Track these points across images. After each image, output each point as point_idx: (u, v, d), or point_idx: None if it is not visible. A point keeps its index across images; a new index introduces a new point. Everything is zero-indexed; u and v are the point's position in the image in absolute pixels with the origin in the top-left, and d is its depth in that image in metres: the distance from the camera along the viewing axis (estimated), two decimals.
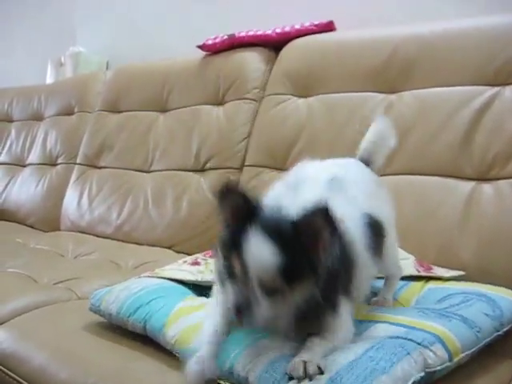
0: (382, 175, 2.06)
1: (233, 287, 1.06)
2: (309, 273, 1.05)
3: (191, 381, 1.10)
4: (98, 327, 1.51)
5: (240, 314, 1.03)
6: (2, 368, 1.44)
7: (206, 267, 1.76)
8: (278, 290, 1.03)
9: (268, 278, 1.02)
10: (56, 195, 3.35)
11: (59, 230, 3.22)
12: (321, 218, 0.99)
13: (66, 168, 3.40)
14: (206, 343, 1.16)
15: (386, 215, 1.38)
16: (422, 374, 1.05)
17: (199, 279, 1.63)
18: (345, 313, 1.17)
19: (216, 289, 1.29)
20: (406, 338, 1.11)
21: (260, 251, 1.02)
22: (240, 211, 1.08)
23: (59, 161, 3.50)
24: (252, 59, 2.68)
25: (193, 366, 1.11)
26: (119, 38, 4.19)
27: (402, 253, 1.79)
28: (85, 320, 1.54)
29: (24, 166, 3.79)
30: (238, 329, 1.22)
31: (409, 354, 1.05)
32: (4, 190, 3.77)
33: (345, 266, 1.14)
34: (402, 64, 2.15)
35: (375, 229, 1.28)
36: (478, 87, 1.96)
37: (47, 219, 3.35)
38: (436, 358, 1.09)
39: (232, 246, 1.06)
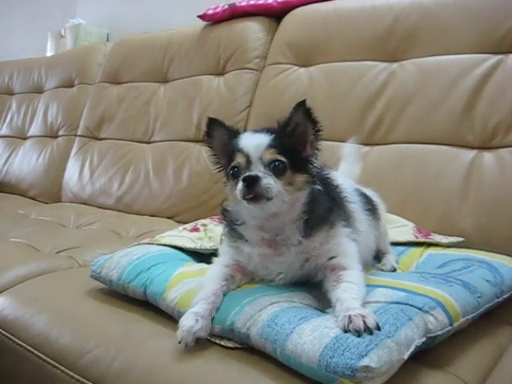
0: (383, 144, 2.07)
1: (240, 178, 1.17)
2: (302, 160, 1.23)
3: (183, 335, 1.11)
4: (99, 293, 1.52)
5: (250, 190, 1.15)
6: (5, 333, 1.44)
7: (205, 234, 1.76)
8: (281, 167, 1.18)
9: (269, 154, 1.18)
10: (57, 167, 3.36)
11: (61, 201, 3.23)
12: (301, 110, 1.20)
13: (67, 140, 3.40)
14: (203, 301, 1.17)
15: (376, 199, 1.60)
16: (424, 339, 1.06)
17: (198, 247, 1.64)
18: (353, 251, 1.25)
19: (219, 251, 1.36)
20: (406, 304, 1.12)
21: (257, 137, 1.22)
22: (225, 134, 1.29)
23: (60, 133, 3.50)
24: (253, 29, 2.66)
25: (187, 321, 1.13)
26: (119, 10, 4.16)
27: (400, 220, 1.80)
28: (86, 287, 1.55)
29: (25, 139, 3.79)
30: (236, 289, 1.26)
31: (411, 319, 1.06)
32: (5, 162, 3.78)
33: (341, 208, 1.31)
34: (403, 32, 2.14)
35: (366, 198, 1.51)
36: (480, 55, 1.95)
37: (49, 191, 3.36)
38: (437, 322, 1.10)
39: (231, 149, 1.23)
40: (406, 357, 1.00)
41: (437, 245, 1.66)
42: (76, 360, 1.24)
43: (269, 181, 1.15)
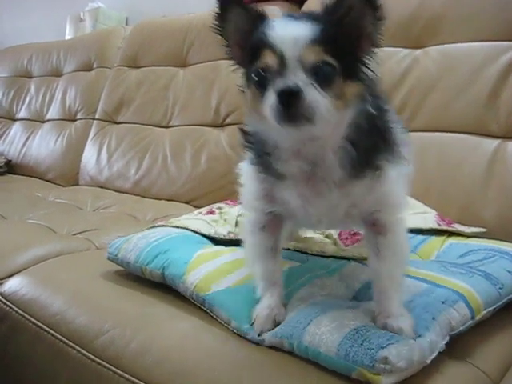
0: None
1: (273, 90, 0.88)
2: (355, 61, 0.93)
3: (262, 324, 1.10)
4: (116, 275, 1.51)
5: (288, 110, 0.86)
6: (22, 313, 1.44)
7: (220, 216, 1.75)
8: (329, 73, 0.88)
9: (313, 54, 0.87)
10: (75, 150, 3.35)
11: (78, 184, 3.24)
12: None
13: (85, 123, 3.39)
14: (269, 290, 1.15)
15: None
16: (447, 339, 1.04)
17: (213, 232, 1.62)
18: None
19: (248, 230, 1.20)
20: (428, 297, 1.10)
21: (295, 27, 0.88)
22: (246, 17, 0.96)
23: (78, 116, 3.50)
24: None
25: (262, 311, 1.12)
26: None
27: (423, 207, 1.78)
28: (103, 268, 1.55)
29: (43, 122, 3.79)
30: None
31: (434, 319, 1.03)
32: (24, 145, 3.79)
33: (391, 140, 1.02)
34: (427, 18, 2.09)
35: None
36: (506, 43, 1.90)
37: (66, 174, 3.37)
38: (459, 317, 1.08)
39: (255, 40, 0.92)
40: (428, 361, 0.97)
41: (458, 234, 1.64)
42: (92, 340, 1.23)
43: (314, 96, 0.86)
